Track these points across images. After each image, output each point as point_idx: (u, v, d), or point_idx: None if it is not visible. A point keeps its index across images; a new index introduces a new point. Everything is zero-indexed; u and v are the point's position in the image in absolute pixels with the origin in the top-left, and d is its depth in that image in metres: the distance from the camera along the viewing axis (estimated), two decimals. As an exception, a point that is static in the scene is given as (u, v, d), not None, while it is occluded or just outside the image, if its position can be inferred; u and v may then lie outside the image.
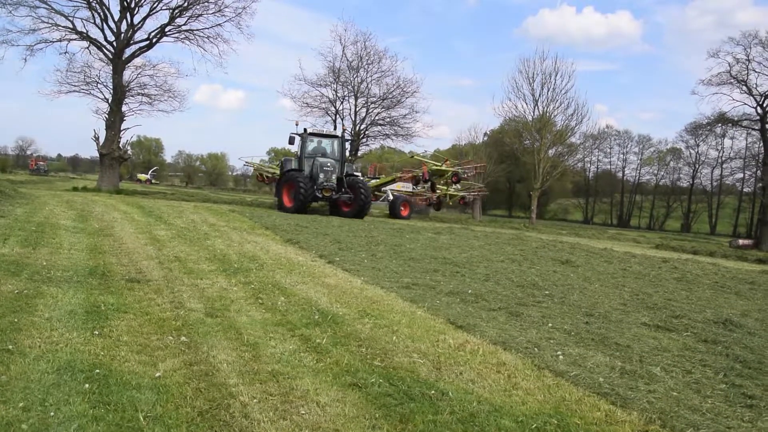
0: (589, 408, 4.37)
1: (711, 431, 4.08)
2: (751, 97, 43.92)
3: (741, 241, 42.53)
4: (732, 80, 43.84)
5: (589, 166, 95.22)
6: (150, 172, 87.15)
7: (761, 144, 47.38)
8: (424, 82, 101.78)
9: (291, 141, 25.82)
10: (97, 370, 4.35)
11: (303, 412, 3.97)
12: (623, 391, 4.75)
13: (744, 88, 43.77)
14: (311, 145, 26.52)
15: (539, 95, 46.14)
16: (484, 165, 44.34)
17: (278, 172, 29.97)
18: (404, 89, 42.93)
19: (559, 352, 5.74)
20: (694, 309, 8.80)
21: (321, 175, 24.66)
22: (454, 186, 37.17)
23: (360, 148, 44.38)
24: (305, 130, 26.22)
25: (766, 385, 5.31)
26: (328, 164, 25.13)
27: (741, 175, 76.70)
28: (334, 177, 25.09)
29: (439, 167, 35.74)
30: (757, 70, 42.98)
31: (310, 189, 23.69)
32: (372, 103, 43.26)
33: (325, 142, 27.18)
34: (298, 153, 26.61)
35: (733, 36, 57.66)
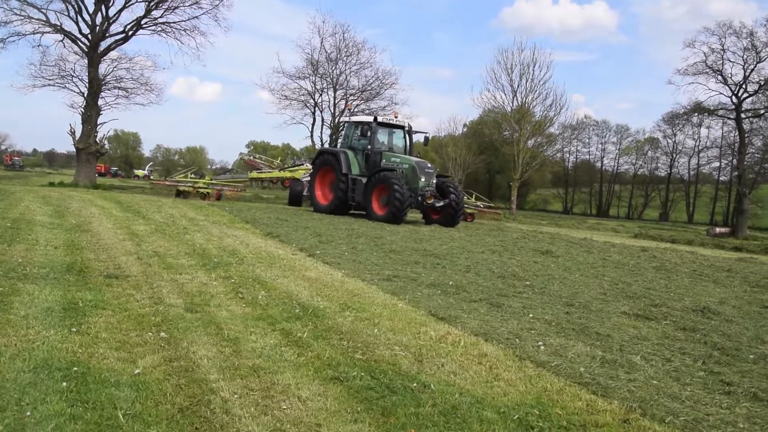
0: (571, 398, 4.40)
1: (690, 418, 4.12)
2: (727, 87, 44.39)
3: (718, 230, 43.09)
4: (708, 70, 44.27)
5: (568, 156, 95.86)
6: (147, 168, 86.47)
7: (737, 133, 48.00)
8: (402, 74, 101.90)
9: (363, 132, 21.56)
10: (75, 368, 4.30)
11: (284, 407, 3.95)
12: (604, 381, 4.79)
13: (719, 77, 44.23)
14: (381, 138, 21.85)
15: (518, 86, 46.44)
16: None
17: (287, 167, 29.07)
18: (383, 81, 42.94)
19: (540, 343, 5.77)
20: (673, 297, 8.90)
21: (422, 178, 19.65)
22: None
23: (339, 140, 44.26)
24: (375, 118, 21.40)
25: (744, 372, 5.38)
26: (429, 165, 20.56)
27: (717, 164, 77.90)
28: (434, 180, 20.41)
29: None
30: (731, 60, 43.40)
31: (407, 195, 18.66)
32: (351, 95, 43.13)
33: (396, 135, 22.56)
34: (346, 142, 22.54)
35: (708, 26, 58.33)
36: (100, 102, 33.91)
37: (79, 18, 32.64)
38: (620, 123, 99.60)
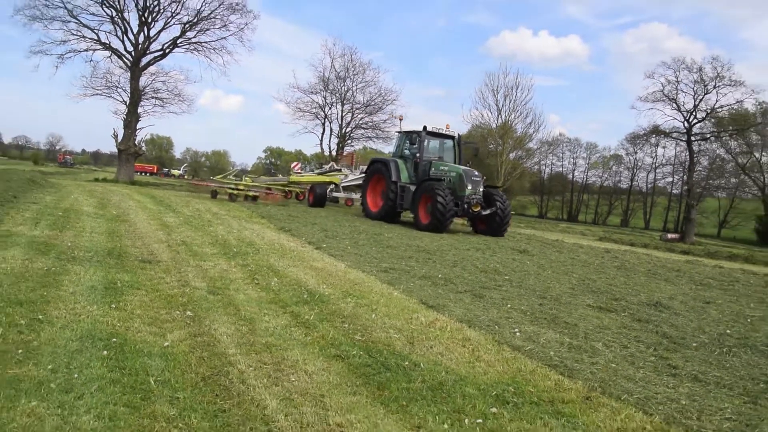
0: (541, 378, 4.39)
1: (642, 396, 4.12)
2: (680, 113, 44.67)
3: (670, 235, 42.97)
4: (664, 98, 44.46)
5: (544, 168, 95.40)
6: (182, 168, 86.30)
7: (687, 153, 48.05)
8: (402, 92, 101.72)
9: (414, 142, 19.47)
10: (114, 339, 4.34)
11: (293, 379, 3.94)
12: (570, 363, 4.78)
13: (674, 105, 44.45)
14: (431, 147, 19.80)
15: (502, 105, 46.40)
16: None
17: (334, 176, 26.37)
18: (385, 97, 42.87)
19: (516, 330, 5.75)
20: (631, 293, 8.88)
21: (469, 186, 17.31)
22: None
23: (345, 148, 44.29)
24: (424, 127, 19.03)
25: (687, 357, 5.38)
26: (476, 174, 17.99)
27: (671, 179, 77.85)
28: (481, 189, 17.95)
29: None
30: (684, 91, 43.76)
31: (450, 205, 16.39)
32: (356, 109, 43.17)
33: (446, 145, 20.32)
34: (397, 152, 20.28)
35: (665, 61, 58.41)
36: (140, 110, 34.25)
37: (125, 38, 33.25)
38: (590, 141, 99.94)
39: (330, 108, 43.27)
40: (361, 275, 8.13)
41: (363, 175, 22.72)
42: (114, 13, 32.46)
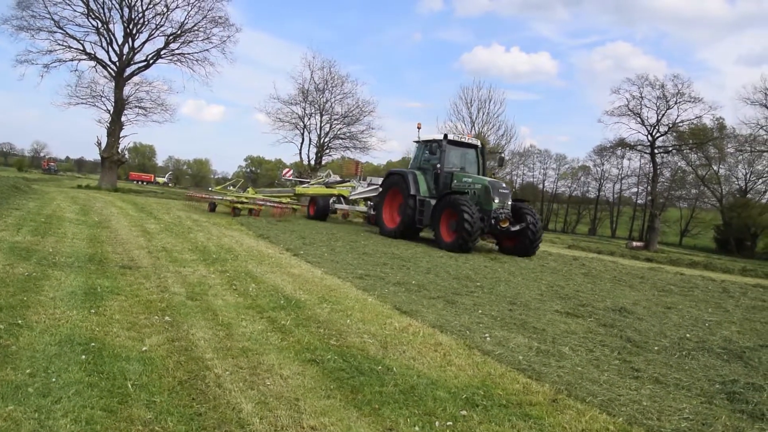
0: (510, 381, 4.44)
1: (606, 398, 4.19)
2: (644, 127, 45.86)
3: (634, 243, 43.78)
4: (629, 113, 45.56)
5: (515, 178, 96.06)
6: (167, 176, 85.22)
7: (651, 165, 49.10)
8: (379, 104, 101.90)
9: (433, 151, 16.83)
10: (93, 344, 4.30)
11: (269, 383, 3.93)
12: (538, 367, 4.84)
13: (638, 119, 45.60)
14: (452, 157, 17.14)
15: (476, 118, 46.72)
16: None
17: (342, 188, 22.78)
18: (362, 109, 42.84)
19: (486, 335, 5.80)
20: (597, 299, 9.01)
21: (496, 199, 14.90)
22: None
23: (323, 158, 44.27)
24: (445, 136, 16.84)
25: (650, 361, 5.48)
26: (503, 185, 15.74)
27: (635, 190, 79.14)
28: (509, 202, 15.50)
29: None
30: (648, 106, 45.00)
31: (477, 221, 14.14)
32: (335, 119, 43.08)
33: (467, 155, 17.72)
34: (416, 163, 17.87)
35: (630, 77, 59.76)
36: (123, 119, 34.24)
37: (110, 48, 33.28)
38: (559, 152, 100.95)
39: (309, 118, 43.18)
40: (337, 281, 8.12)
41: (373, 187, 20.87)
42: (99, 25, 32.51)
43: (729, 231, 47.09)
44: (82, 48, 32.54)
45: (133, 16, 32.90)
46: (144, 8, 32.97)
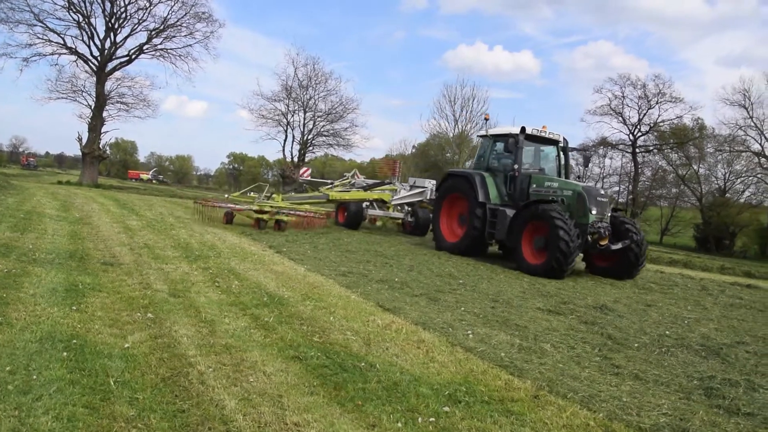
0: (492, 378, 4.49)
1: (587, 394, 4.27)
2: (625, 126, 46.75)
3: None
4: (611, 112, 46.42)
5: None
6: (151, 173, 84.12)
7: (632, 164, 49.78)
8: (362, 101, 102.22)
9: (508, 148, 13.13)
10: (74, 341, 4.27)
11: (252, 380, 3.94)
12: (520, 364, 4.90)
13: (620, 118, 46.48)
14: (528, 155, 14.11)
15: (459, 116, 47.08)
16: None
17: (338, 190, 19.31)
18: (346, 106, 42.95)
19: (469, 332, 5.86)
20: (578, 296, 9.13)
21: (593, 210, 11.79)
22: None
23: (306, 155, 44.20)
24: (523, 129, 13.42)
25: (630, 357, 5.59)
26: (602, 193, 12.77)
27: (617, 188, 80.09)
28: (609, 214, 12.52)
29: None
30: (629, 105, 45.97)
31: (576, 239, 11.11)
32: (318, 116, 43.11)
33: (544, 152, 14.54)
34: (482, 163, 14.62)
35: (612, 77, 60.61)
36: (105, 114, 33.78)
37: (91, 42, 32.67)
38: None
39: (292, 115, 43.11)
40: (320, 279, 8.13)
41: (418, 190, 18.70)
42: (81, 19, 31.88)
43: (708, 230, 47.72)
44: (62, 42, 32.02)
45: (115, 11, 32.40)
46: (126, 2, 32.51)
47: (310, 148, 44.17)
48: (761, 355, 6.15)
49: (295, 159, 42.95)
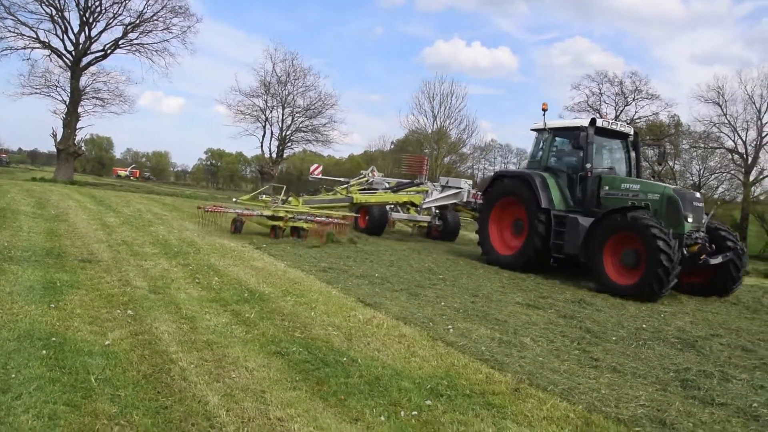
0: (473, 371, 4.56)
1: (566, 387, 4.35)
2: (602, 123, 47.08)
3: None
4: (589, 108, 46.72)
5: (477, 172, 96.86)
6: (129, 169, 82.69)
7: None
8: (341, 97, 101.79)
9: (577, 143, 11.19)
10: (54, 339, 4.24)
11: (234, 375, 3.95)
12: (500, 358, 4.98)
13: (598, 115, 46.76)
14: (596, 151, 11.64)
15: (438, 112, 47.35)
16: None
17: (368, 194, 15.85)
18: (324, 102, 42.76)
19: (450, 326, 5.92)
20: (557, 291, 9.26)
21: (689, 218, 9.80)
22: None
23: (285, 151, 43.99)
24: (593, 121, 11.52)
25: (608, 350, 5.71)
26: (698, 196, 10.55)
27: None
28: (705, 221, 10.31)
29: None
30: (607, 102, 46.45)
31: (678, 253, 9.11)
32: (297, 112, 42.92)
33: (609, 147, 12.43)
34: (539, 161, 12.40)
35: (589, 74, 61.33)
36: (80, 110, 33.39)
37: (65, 37, 32.19)
38: (520, 147, 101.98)
39: (271, 111, 42.83)
40: (301, 274, 8.13)
41: (453, 191, 16.83)
42: (54, 12, 31.35)
43: (683, 225, 48.78)
44: (35, 36, 31.44)
45: (89, 4, 31.93)
46: (101, -5, 31.95)
47: (289, 144, 43.99)
48: (734, 347, 6.32)
49: (274, 155, 42.73)
